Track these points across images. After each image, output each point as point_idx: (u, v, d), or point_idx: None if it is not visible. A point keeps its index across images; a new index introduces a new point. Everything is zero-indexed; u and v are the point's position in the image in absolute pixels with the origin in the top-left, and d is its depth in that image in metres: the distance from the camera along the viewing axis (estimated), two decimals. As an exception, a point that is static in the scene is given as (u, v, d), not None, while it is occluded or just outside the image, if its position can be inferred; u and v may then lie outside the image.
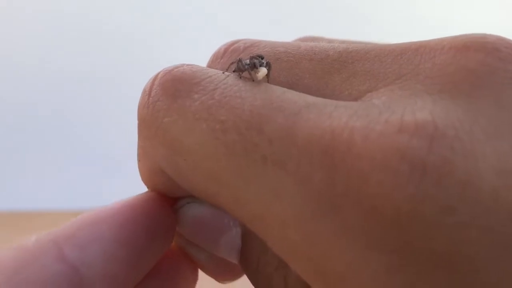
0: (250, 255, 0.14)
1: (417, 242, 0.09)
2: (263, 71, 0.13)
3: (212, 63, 0.15)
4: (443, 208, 0.09)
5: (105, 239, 0.13)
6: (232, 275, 0.16)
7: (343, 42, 0.15)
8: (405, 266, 0.09)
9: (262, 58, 0.13)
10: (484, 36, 0.12)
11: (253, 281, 0.14)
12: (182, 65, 0.13)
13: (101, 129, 0.73)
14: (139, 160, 0.14)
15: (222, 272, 0.16)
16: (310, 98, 0.12)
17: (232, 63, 0.14)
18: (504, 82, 0.11)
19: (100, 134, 0.73)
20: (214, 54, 0.15)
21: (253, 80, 0.13)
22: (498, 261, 0.09)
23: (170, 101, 0.13)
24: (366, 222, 0.10)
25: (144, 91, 0.13)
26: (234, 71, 0.13)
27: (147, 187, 0.15)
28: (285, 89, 0.12)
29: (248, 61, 0.13)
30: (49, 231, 0.13)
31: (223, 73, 0.13)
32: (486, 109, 0.10)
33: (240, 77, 0.13)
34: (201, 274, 0.17)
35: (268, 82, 0.13)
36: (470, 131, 0.10)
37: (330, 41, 0.16)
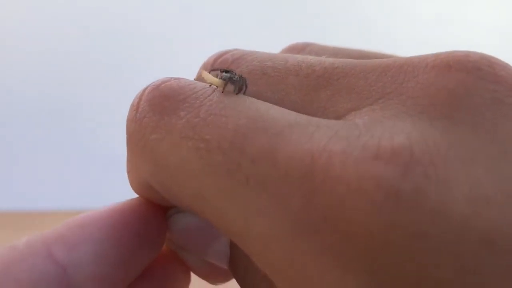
0: (238, 263, 0.14)
1: (390, 265, 0.10)
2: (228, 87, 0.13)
3: None
4: (414, 234, 0.09)
5: (94, 240, 0.13)
6: (223, 277, 0.16)
7: (333, 51, 0.15)
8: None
9: (228, 72, 0.13)
10: (466, 54, 0.12)
11: (241, 287, 0.14)
12: (170, 79, 0.13)
13: (101, 129, 0.74)
14: (128, 172, 0.14)
15: (214, 275, 0.16)
16: (293, 117, 0.12)
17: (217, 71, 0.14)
18: (484, 103, 0.11)
19: (100, 134, 0.74)
20: (203, 64, 0.15)
21: (237, 92, 0.13)
22: (466, 286, 0.09)
23: (157, 118, 0.13)
24: (342, 245, 0.10)
25: (132, 105, 0.14)
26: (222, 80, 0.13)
27: (138, 195, 0.15)
28: (269, 105, 0.12)
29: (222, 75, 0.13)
30: (39, 232, 0.13)
31: (209, 86, 0.13)
32: (463, 132, 0.10)
33: (223, 91, 0.13)
34: (194, 275, 0.17)
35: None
36: (445, 156, 0.10)
37: (321, 48, 0.16)
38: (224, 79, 0.13)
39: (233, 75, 0.13)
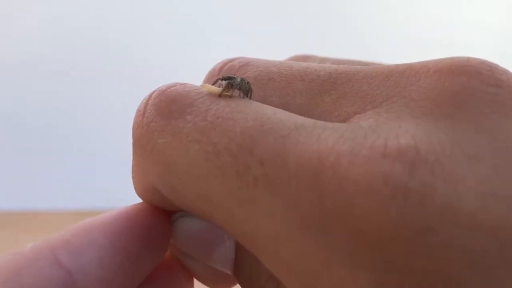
0: (243, 266, 0.14)
1: (399, 261, 0.10)
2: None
3: (208, 81, 0.15)
4: (423, 229, 0.10)
5: (100, 245, 0.13)
6: (227, 284, 0.17)
7: (334, 61, 0.16)
8: (389, 283, 0.10)
9: (226, 79, 0.13)
10: (467, 59, 0.12)
11: None
12: (175, 84, 0.14)
13: (101, 130, 0.74)
14: (133, 177, 0.15)
15: (217, 281, 0.16)
16: (300, 120, 0.12)
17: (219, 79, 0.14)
18: (485, 105, 0.11)
19: (100, 135, 0.74)
20: (210, 71, 0.16)
21: (243, 97, 0.13)
22: (475, 280, 0.09)
23: (164, 122, 0.13)
24: (352, 243, 0.10)
25: (138, 110, 0.14)
26: (227, 87, 0.14)
27: (142, 200, 0.15)
28: (276, 109, 0.13)
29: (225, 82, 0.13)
30: (45, 238, 0.13)
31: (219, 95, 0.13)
32: (467, 131, 0.11)
33: (230, 96, 0.13)
34: (197, 281, 0.17)
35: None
36: (451, 154, 0.10)
37: (322, 60, 0.16)
38: (231, 84, 0.13)
39: (233, 81, 0.13)
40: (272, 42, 0.67)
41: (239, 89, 0.13)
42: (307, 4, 0.76)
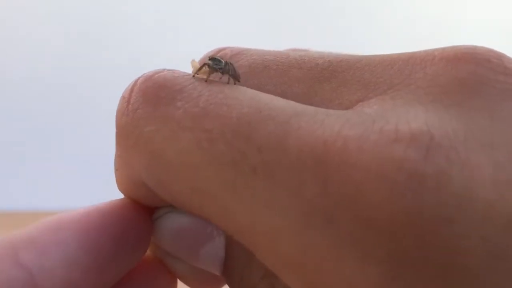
0: (234, 265, 0.13)
1: (413, 251, 0.09)
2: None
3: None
4: (440, 218, 0.09)
5: (66, 244, 0.12)
6: (213, 285, 0.15)
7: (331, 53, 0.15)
8: (401, 276, 0.09)
9: (212, 59, 0.13)
10: (474, 48, 0.12)
11: None
12: (163, 70, 0.13)
13: (102, 130, 0.73)
14: (116, 169, 0.14)
15: (203, 283, 0.15)
16: (300, 106, 0.11)
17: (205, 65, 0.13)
18: (496, 93, 0.11)
19: (100, 135, 0.73)
20: (200, 60, 0.15)
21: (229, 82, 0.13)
22: (494, 271, 0.09)
23: (152, 109, 0.12)
24: (361, 233, 0.09)
25: (122, 97, 0.13)
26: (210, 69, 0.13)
27: (124, 196, 0.14)
28: (272, 96, 0.12)
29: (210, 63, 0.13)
30: (8, 235, 0.12)
31: (205, 81, 0.13)
32: (479, 119, 0.10)
33: (228, 81, 0.13)
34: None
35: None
36: (465, 141, 0.10)
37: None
38: (208, 65, 0.13)
39: (215, 63, 0.13)
40: (272, 42, 0.66)
41: (223, 73, 0.13)
42: (306, 3, 0.76)
